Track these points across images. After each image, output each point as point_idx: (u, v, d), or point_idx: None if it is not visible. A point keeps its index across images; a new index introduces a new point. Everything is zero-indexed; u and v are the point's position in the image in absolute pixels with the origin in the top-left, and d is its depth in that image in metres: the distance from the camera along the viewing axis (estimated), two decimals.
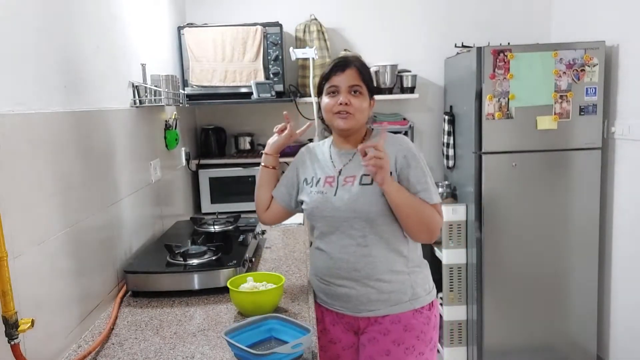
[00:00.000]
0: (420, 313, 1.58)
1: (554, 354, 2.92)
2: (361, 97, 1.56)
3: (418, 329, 1.57)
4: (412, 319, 1.56)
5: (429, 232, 1.54)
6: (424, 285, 1.60)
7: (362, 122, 1.60)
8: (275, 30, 2.85)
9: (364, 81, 1.56)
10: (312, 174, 1.67)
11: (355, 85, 1.55)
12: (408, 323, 1.56)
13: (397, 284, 1.55)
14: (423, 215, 1.51)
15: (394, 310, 1.56)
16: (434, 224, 1.54)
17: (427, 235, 1.55)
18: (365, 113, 1.59)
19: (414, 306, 1.56)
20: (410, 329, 1.56)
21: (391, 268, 1.55)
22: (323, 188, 1.61)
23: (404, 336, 1.56)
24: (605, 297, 2.89)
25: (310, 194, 1.63)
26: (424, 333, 1.58)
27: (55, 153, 1.36)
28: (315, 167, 1.68)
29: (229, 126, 3.25)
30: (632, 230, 2.67)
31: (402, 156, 1.54)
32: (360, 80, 1.56)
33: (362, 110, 1.56)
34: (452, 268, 2.97)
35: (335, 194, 1.57)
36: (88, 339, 1.43)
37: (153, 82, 2.11)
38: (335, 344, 1.67)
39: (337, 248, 1.57)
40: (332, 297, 1.63)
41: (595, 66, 2.70)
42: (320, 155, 1.70)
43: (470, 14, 3.25)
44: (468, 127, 2.86)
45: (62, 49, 1.45)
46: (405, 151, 1.55)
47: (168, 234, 2.26)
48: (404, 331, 1.56)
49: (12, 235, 1.11)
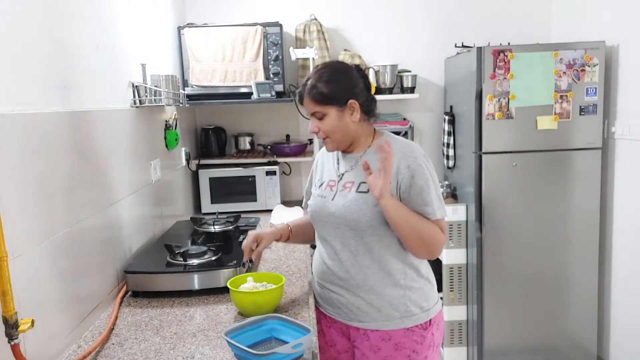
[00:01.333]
0: (413, 332, 1.51)
1: (554, 354, 2.92)
2: (327, 117, 1.50)
3: (410, 348, 1.52)
4: (403, 337, 1.51)
5: (429, 251, 1.48)
6: (421, 303, 1.53)
7: (346, 135, 1.53)
8: (275, 30, 2.85)
9: (321, 102, 1.49)
10: (319, 177, 1.67)
11: (314, 112, 1.52)
12: (399, 342, 1.51)
13: (388, 299, 1.50)
14: (422, 234, 1.44)
15: (384, 327, 1.51)
16: (434, 243, 1.46)
17: (426, 254, 1.49)
18: (342, 127, 1.51)
19: (405, 324, 1.51)
20: (401, 348, 1.51)
21: (383, 281, 1.50)
22: (324, 192, 1.60)
23: (395, 355, 1.52)
24: (605, 297, 2.88)
25: (314, 197, 1.63)
26: (417, 352, 1.52)
27: (55, 153, 1.36)
28: (324, 170, 1.67)
29: (229, 126, 3.24)
30: (632, 230, 2.66)
31: (405, 166, 1.47)
32: (316, 104, 1.50)
33: (334, 129, 1.50)
34: (452, 268, 2.97)
35: (333, 199, 1.55)
36: (88, 339, 1.43)
37: (153, 82, 2.11)
38: (332, 346, 1.67)
39: (332, 253, 1.56)
40: (325, 302, 1.63)
41: (595, 66, 2.70)
42: (330, 158, 1.67)
43: (470, 14, 3.25)
44: (468, 127, 2.86)
45: (62, 49, 1.45)
46: (411, 161, 1.47)
47: (168, 234, 2.26)
48: (394, 349, 1.52)
49: (12, 235, 1.11)
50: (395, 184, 1.47)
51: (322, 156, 1.72)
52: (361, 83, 1.55)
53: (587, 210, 2.81)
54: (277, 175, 3.00)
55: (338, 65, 1.59)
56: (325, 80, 1.49)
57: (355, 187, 1.52)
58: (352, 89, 1.52)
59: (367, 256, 1.50)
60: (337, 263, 1.55)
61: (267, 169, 2.99)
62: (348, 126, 1.52)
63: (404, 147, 1.52)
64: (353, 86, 1.52)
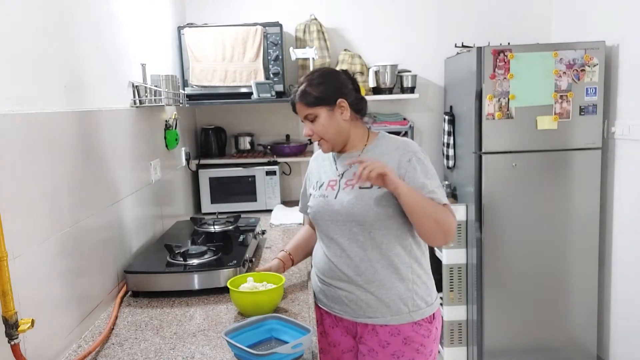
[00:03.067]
0: (420, 326, 1.55)
1: (554, 354, 2.92)
2: (318, 119, 1.55)
3: (418, 342, 1.55)
4: (411, 331, 1.54)
5: (445, 235, 1.49)
6: (426, 298, 1.57)
7: (339, 134, 1.57)
8: (275, 30, 2.85)
9: (311, 104, 1.54)
10: (317, 179, 1.68)
11: (306, 115, 1.57)
12: (407, 336, 1.54)
13: (397, 293, 1.53)
14: (437, 217, 1.46)
15: (393, 321, 1.53)
16: (449, 225, 1.49)
17: (443, 237, 1.51)
18: (333, 126, 1.55)
19: (413, 318, 1.54)
20: (409, 342, 1.54)
21: (392, 275, 1.53)
22: (325, 191, 1.61)
23: (404, 349, 1.54)
24: (605, 297, 2.88)
25: (315, 198, 1.64)
26: (424, 346, 1.56)
27: (55, 153, 1.36)
28: (321, 172, 1.68)
29: (229, 126, 3.24)
30: (632, 230, 2.66)
31: (406, 160, 1.52)
32: (307, 107, 1.55)
33: (326, 129, 1.55)
34: (452, 268, 2.97)
35: (336, 197, 1.57)
36: (88, 339, 1.43)
37: (153, 82, 2.11)
38: (334, 347, 1.67)
39: (339, 251, 1.57)
40: (331, 300, 1.62)
41: (595, 66, 2.70)
42: (326, 160, 1.70)
43: (470, 14, 3.25)
44: (468, 127, 2.86)
45: (62, 49, 1.45)
46: (411, 155, 1.53)
47: (168, 234, 2.26)
48: (403, 344, 1.54)
49: (12, 235, 1.11)
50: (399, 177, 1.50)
51: (315, 161, 1.75)
52: (349, 84, 1.60)
53: (587, 210, 2.81)
54: (277, 175, 3.00)
55: (325, 70, 1.68)
56: (314, 84, 1.56)
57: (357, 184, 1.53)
58: (341, 89, 1.57)
59: (376, 250, 1.53)
60: (344, 260, 1.55)
61: (267, 169, 2.99)
62: (339, 125, 1.56)
63: (402, 144, 1.57)
64: (341, 86, 1.57)
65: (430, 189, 1.49)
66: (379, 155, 1.54)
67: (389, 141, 1.60)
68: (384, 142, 1.60)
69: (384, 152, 1.56)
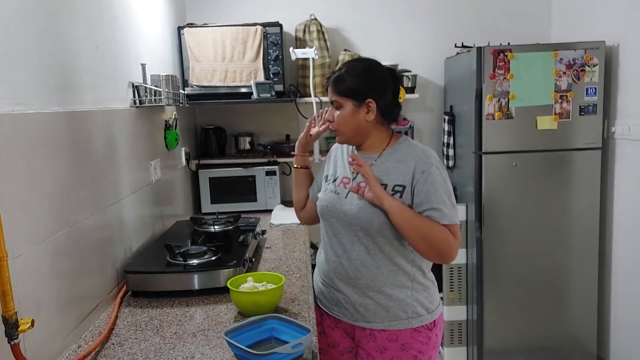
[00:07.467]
0: (419, 332, 1.53)
1: (554, 354, 2.92)
2: (342, 109, 1.52)
3: (416, 349, 1.53)
4: (410, 337, 1.52)
5: (439, 255, 1.46)
6: (427, 305, 1.54)
7: (356, 132, 1.54)
8: (275, 30, 2.85)
9: (341, 93, 1.51)
10: (333, 172, 1.66)
11: (333, 101, 1.54)
12: (406, 342, 1.52)
13: (397, 299, 1.51)
14: (430, 237, 1.42)
15: (392, 327, 1.52)
16: (445, 247, 1.44)
17: (437, 257, 1.47)
18: (353, 123, 1.52)
19: (412, 325, 1.52)
20: (407, 348, 1.53)
21: (393, 282, 1.51)
22: (338, 188, 1.59)
23: (401, 355, 1.53)
24: (606, 297, 2.88)
25: (326, 191, 1.62)
26: (422, 353, 1.54)
27: (55, 153, 1.36)
28: (338, 166, 1.66)
29: (229, 126, 3.24)
30: (632, 230, 2.66)
31: (420, 171, 1.46)
32: (336, 94, 1.52)
33: (346, 123, 1.52)
34: (452, 268, 2.97)
35: (346, 197, 1.55)
36: (88, 339, 1.43)
37: (153, 82, 2.11)
38: (334, 347, 1.66)
39: (341, 250, 1.56)
40: (330, 302, 1.62)
41: (595, 66, 2.70)
42: (345, 153, 1.67)
43: (470, 14, 3.25)
44: (468, 127, 2.86)
45: (62, 49, 1.45)
46: (426, 166, 1.47)
47: (168, 234, 2.26)
48: (401, 350, 1.53)
49: (12, 235, 1.11)
50: (410, 188, 1.47)
51: (335, 151, 1.72)
52: (390, 86, 1.53)
53: (587, 210, 2.81)
54: (277, 175, 3.01)
55: (371, 63, 1.57)
56: (353, 74, 1.51)
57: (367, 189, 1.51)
58: (376, 89, 1.51)
59: (379, 256, 1.51)
60: (346, 260, 1.55)
61: (267, 169, 3.00)
62: (360, 123, 1.52)
63: (421, 153, 1.51)
64: (378, 87, 1.51)
65: (435, 205, 1.44)
66: (395, 162, 1.51)
67: (409, 148, 1.54)
68: (403, 149, 1.54)
69: (400, 159, 1.52)
